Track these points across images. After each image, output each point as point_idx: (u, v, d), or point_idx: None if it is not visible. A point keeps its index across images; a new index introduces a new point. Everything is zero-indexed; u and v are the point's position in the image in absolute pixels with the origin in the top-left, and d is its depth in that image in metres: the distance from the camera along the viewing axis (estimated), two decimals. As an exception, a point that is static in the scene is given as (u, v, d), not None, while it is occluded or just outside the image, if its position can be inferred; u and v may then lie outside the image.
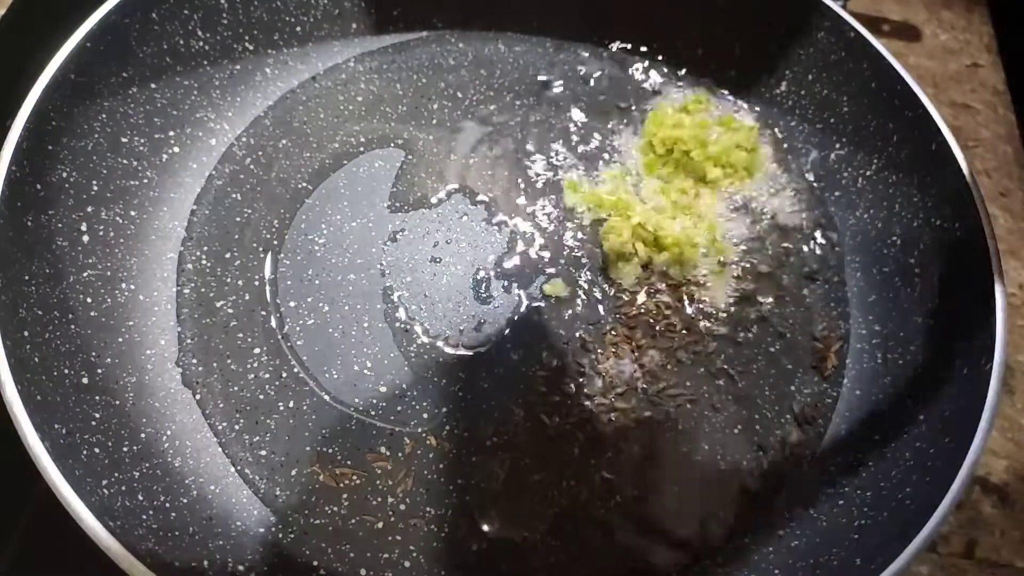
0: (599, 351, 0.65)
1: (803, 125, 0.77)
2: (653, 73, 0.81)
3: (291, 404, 0.61)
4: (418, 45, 0.82)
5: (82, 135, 0.63)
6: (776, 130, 0.78)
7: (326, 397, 0.62)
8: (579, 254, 0.70)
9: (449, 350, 0.65)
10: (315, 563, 0.56)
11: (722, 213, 0.72)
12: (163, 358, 0.62)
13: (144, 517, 0.52)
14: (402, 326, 0.65)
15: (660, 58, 0.82)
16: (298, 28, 0.78)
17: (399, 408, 0.62)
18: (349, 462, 0.59)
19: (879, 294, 0.68)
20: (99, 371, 0.58)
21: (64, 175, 0.61)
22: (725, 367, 0.65)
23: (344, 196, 0.72)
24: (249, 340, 0.64)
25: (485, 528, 0.57)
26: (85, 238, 0.62)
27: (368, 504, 0.58)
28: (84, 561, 0.47)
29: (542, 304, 0.67)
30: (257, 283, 0.67)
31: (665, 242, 0.67)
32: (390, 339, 0.65)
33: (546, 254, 0.70)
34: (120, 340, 0.61)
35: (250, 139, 0.74)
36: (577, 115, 0.78)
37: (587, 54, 0.82)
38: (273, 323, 0.65)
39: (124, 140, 0.67)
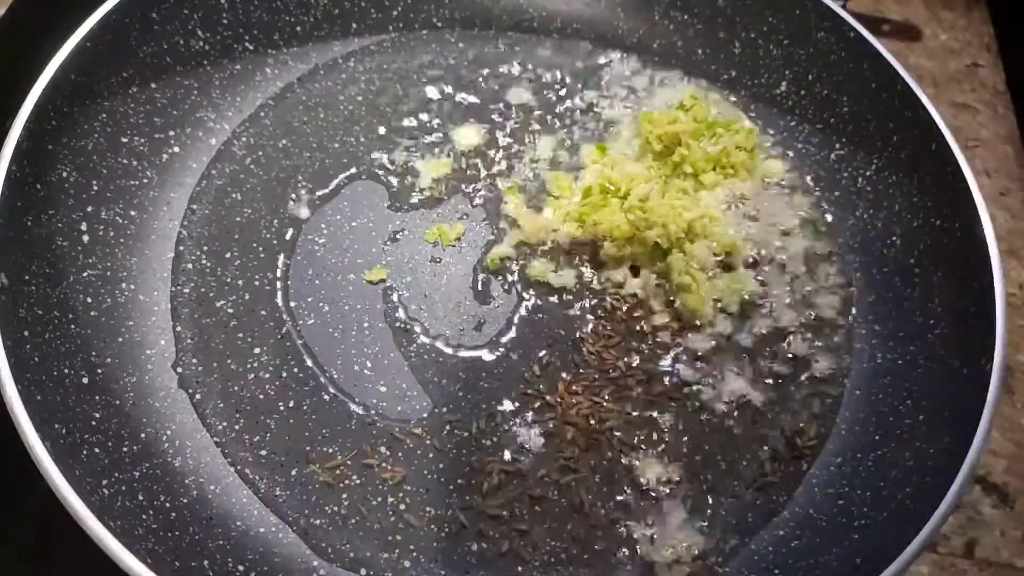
0: (598, 351, 0.65)
1: (803, 125, 0.77)
2: (653, 73, 0.81)
3: (291, 404, 0.61)
4: (418, 45, 0.82)
5: (82, 135, 0.63)
6: (776, 130, 0.78)
7: (326, 397, 0.62)
8: (579, 253, 0.70)
9: (449, 350, 0.65)
10: (315, 563, 0.56)
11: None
12: (163, 358, 0.62)
13: (144, 517, 0.52)
14: (402, 326, 0.65)
15: (660, 58, 0.82)
16: (298, 28, 0.78)
17: (399, 408, 0.62)
18: (349, 462, 0.59)
19: (879, 294, 0.68)
20: (99, 371, 0.58)
21: (64, 175, 0.61)
22: (723, 368, 0.65)
23: (344, 196, 0.72)
24: (249, 340, 0.64)
25: (485, 528, 0.57)
26: (85, 238, 0.62)
27: (368, 504, 0.58)
28: (84, 561, 0.47)
29: (542, 304, 0.67)
30: (257, 283, 0.67)
31: (659, 222, 0.66)
32: (390, 339, 0.65)
33: (547, 253, 0.70)
34: (120, 340, 0.61)
35: (250, 139, 0.74)
36: (576, 115, 0.78)
37: (587, 54, 0.82)
38: (273, 323, 0.65)
39: (124, 140, 0.67)
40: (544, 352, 0.65)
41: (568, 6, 0.84)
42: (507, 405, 0.62)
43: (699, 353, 0.65)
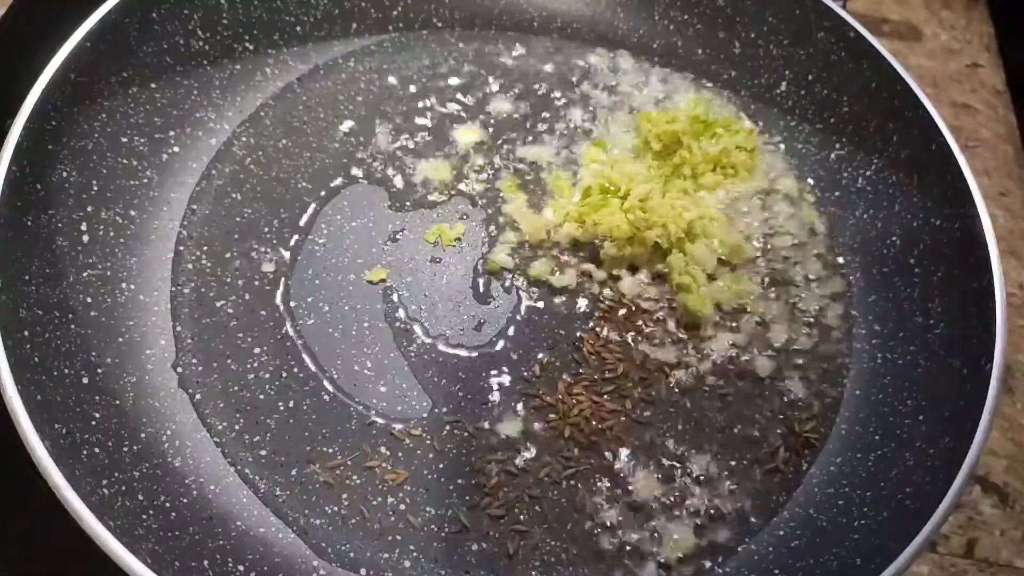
0: (598, 351, 0.65)
1: (803, 125, 0.77)
2: (653, 74, 0.81)
3: (291, 404, 0.61)
4: (418, 45, 0.82)
5: (82, 135, 0.63)
6: (776, 130, 0.78)
7: (326, 397, 0.62)
8: (579, 253, 0.70)
9: (449, 350, 0.65)
10: (315, 563, 0.56)
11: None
12: (163, 358, 0.62)
13: (144, 517, 0.52)
14: (402, 326, 0.65)
15: (660, 58, 0.82)
16: (298, 28, 0.78)
17: (399, 408, 0.62)
18: (349, 462, 0.59)
19: (879, 294, 0.68)
20: (99, 371, 0.58)
21: (64, 175, 0.61)
22: (723, 368, 0.65)
23: (344, 196, 0.72)
24: (249, 340, 0.64)
25: (485, 528, 0.57)
26: (85, 238, 0.62)
27: (368, 504, 0.58)
28: (84, 561, 0.47)
29: (542, 304, 0.67)
30: (257, 283, 0.67)
31: (659, 222, 0.66)
32: (390, 339, 0.65)
33: (547, 253, 0.70)
34: (120, 340, 0.61)
35: (250, 139, 0.74)
36: (576, 115, 0.78)
37: (587, 54, 0.82)
38: (273, 323, 0.65)
39: (124, 140, 0.67)
40: (544, 352, 0.65)
41: (568, 6, 0.84)
42: (506, 405, 0.62)
43: (698, 354, 0.65)
